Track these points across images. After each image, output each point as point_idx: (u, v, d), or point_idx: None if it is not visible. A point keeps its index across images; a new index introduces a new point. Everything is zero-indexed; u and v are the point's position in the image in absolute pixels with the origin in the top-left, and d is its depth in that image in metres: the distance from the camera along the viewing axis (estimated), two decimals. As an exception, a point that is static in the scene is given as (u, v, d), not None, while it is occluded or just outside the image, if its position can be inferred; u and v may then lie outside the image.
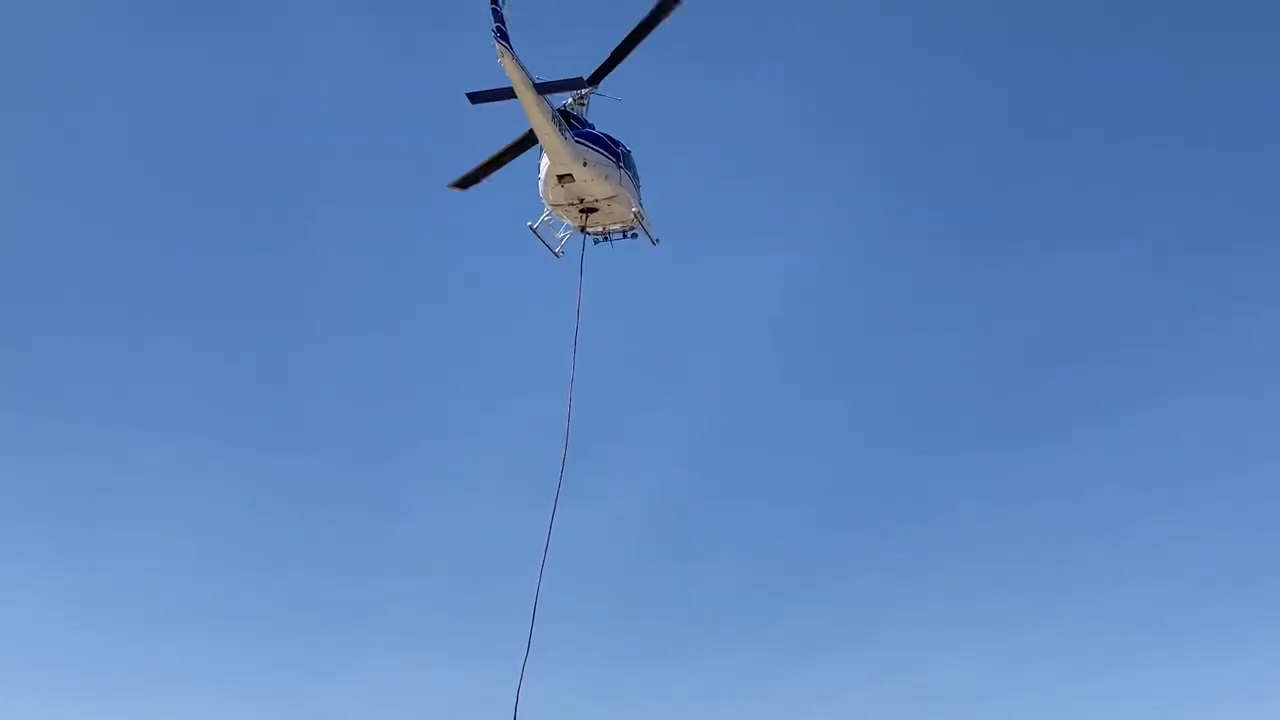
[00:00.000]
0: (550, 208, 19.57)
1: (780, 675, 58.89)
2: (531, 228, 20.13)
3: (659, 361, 67.32)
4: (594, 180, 18.78)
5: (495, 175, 20.80)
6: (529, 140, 18.91)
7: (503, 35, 16.14)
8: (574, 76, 18.39)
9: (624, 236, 20.50)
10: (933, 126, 74.26)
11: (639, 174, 20.16)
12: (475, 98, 18.50)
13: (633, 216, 19.94)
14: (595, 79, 18.99)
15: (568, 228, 20.14)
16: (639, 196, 20.07)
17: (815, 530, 64.95)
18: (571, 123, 18.79)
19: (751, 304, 68.26)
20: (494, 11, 16.08)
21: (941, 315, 70.56)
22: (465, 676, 57.13)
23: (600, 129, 19.52)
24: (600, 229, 20.18)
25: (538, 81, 17.15)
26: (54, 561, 58.03)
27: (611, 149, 19.31)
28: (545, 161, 18.66)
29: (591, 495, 56.62)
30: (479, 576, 59.91)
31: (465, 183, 21.17)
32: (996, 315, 70.63)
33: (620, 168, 19.34)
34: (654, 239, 20.78)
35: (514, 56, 16.39)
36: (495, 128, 19.79)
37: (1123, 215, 69.66)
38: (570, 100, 19.27)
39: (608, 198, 19.20)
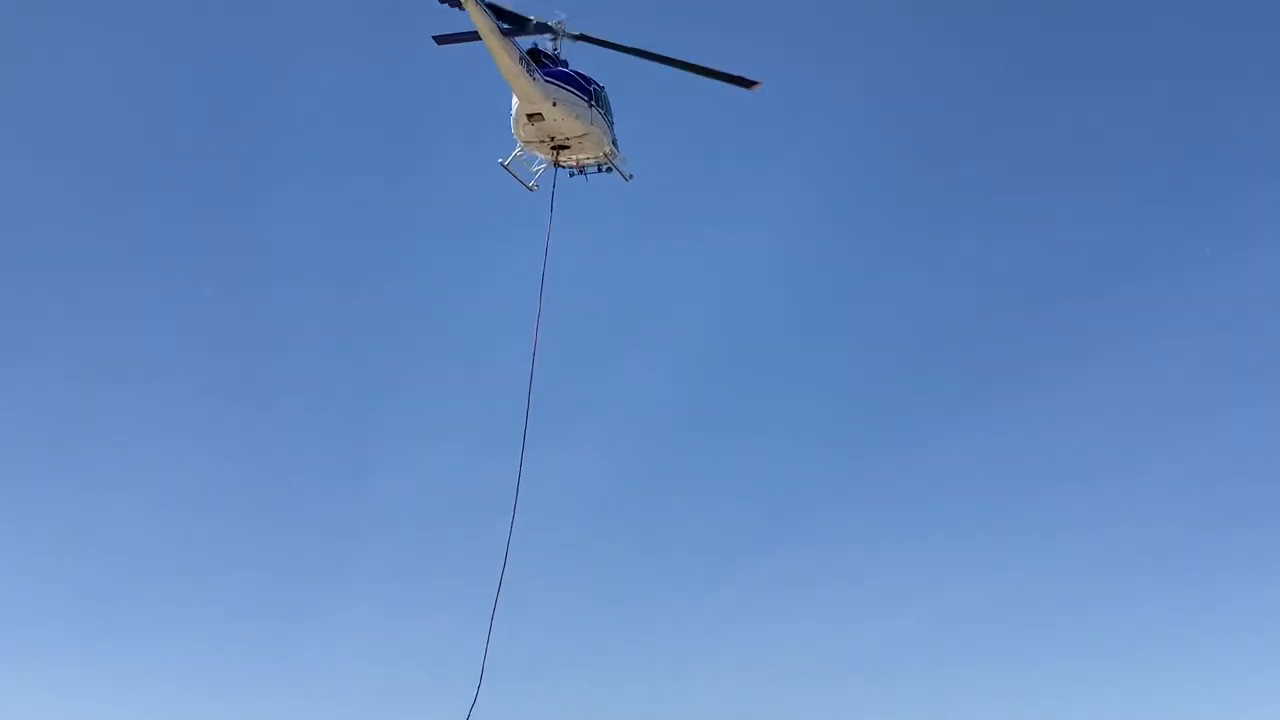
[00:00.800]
0: (522, 144, 19.68)
1: (757, 610, 61.35)
2: (503, 164, 20.24)
3: (638, 304, 68.72)
4: (564, 119, 18.83)
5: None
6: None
7: None
8: (541, 20, 18.28)
9: (598, 170, 20.78)
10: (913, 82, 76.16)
11: (613, 111, 20.28)
12: (441, 40, 18.53)
13: (604, 154, 20.18)
14: (582, 37, 19.18)
15: (541, 161, 20.27)
16: (612, 134, 20.29)
17: (795, 469, 66.19)
18: (542, 61, 18.77)
19: (732, 249, 69.33)
20: None
21: (924, 260, 71.38)
22: (441, 620, 59.60)
23: (575, 66, 19.49)
24: (574, 164, 20.39)
25: (507, 11, 17.04)
26: (19, 511, 58.22)
27: (583, 87, 19.31)
28: (515, 100, 18.64)
29: (570, 440, 58.59)
30: (452, 524, 59.95)
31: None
32: (981, 259, 71.27)
33: (592, 106, 19.38)
34: (626, 175, 21.06)
35: (478, 2, 16.19)
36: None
37: (1103, 165, 69.92)
38: (550, 39, 19.23)
39: (579, 136, 19.30)
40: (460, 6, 16.29)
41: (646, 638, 62.45)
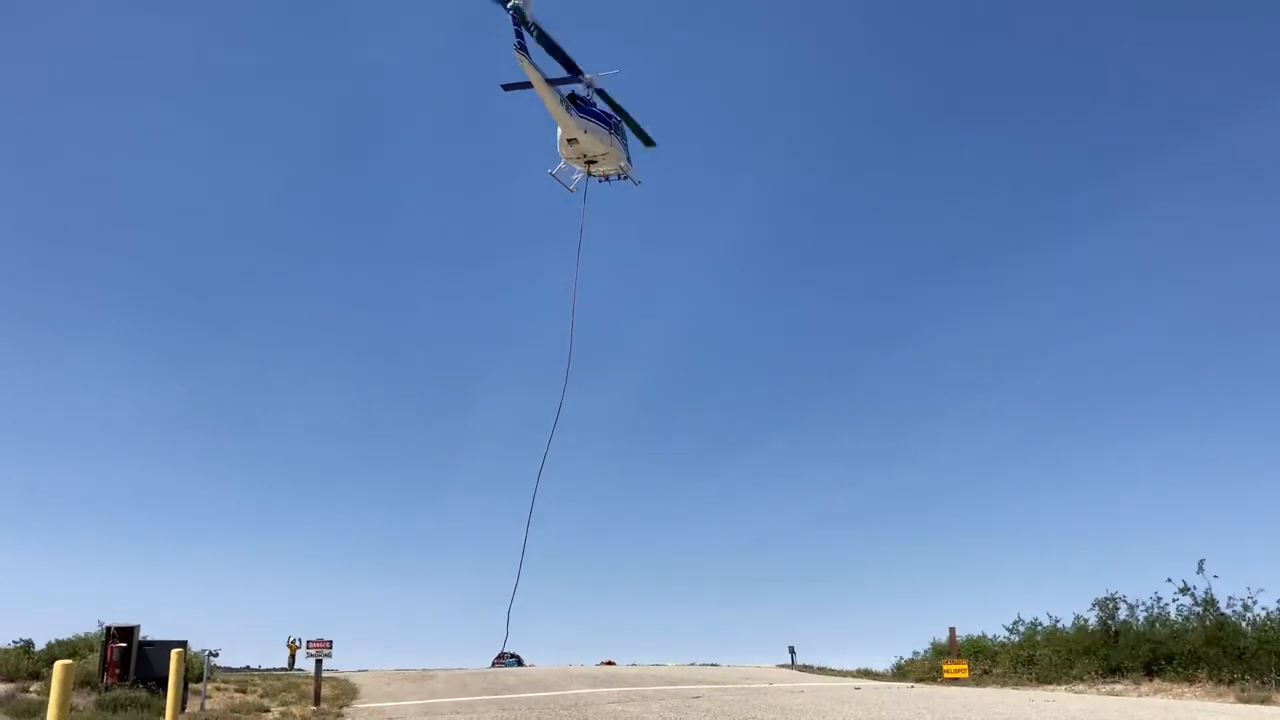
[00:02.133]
0: (565, 160, 26.15)
1: (746, 495, 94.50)
2: (552, 174, 26.51)
3: (648, 276, 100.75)
4: (593, 142, 25.32)
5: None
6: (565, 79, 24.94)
7: (522, 47, 22.69)
8: (573, 74, 24.77)
9: (619, 179, 27.08)
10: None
11: (626, 139, 26.69)
12: (507, 88, 25.32)
13: (620, 167, 26.58)
14: (600, 92, 25.58)
15: (578, 172, 26.67)
16: (626, 153, 26.59)
17: (767, 393, 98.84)
18: (578, 103, 25.17)
19: (718, 229, 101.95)
20: (515, 30, 22.94)
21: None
22: (513, 505, 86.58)
23: (600, 107, 25.95)
24: (601, 174, 26.81)
25: (548, 77, 23.94)
26: (239, 433, 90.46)
27: (606, 121, 25.73)
28: (560, 129, 25.37)
29: (602, 380, 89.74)
30: (521, 440, 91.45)
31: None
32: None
33: (611, 133, 25.83)
34: (637, 181, 27.39)
35: (530, 61, 22.98)
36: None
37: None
38: (578, 88, 25.57)
39: (602, 154, 25.74)
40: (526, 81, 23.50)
41: (658, 515, 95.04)
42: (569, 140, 25.35)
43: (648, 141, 27.30)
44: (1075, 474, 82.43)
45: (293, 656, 37.64)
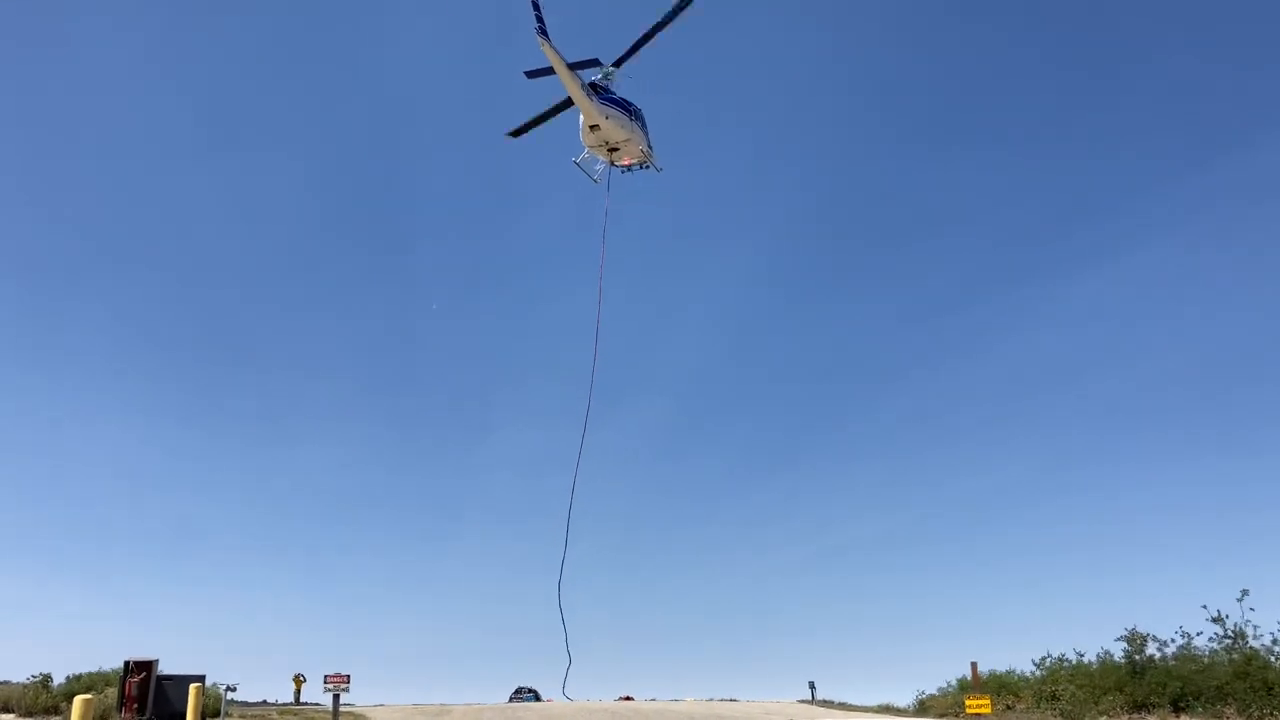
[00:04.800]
0: (588, 149, 26.18)
1: (763, 527, 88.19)
2: (575, 162, 26.63)
3: (666, 309, 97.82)
4: (614, 128, 25.34)
5: (542, 128, 26.89)
6: (566, 104, 25.52)
7: (543, 31, 22.87)
8: (593, 58, 24.96)
9: (641, 168, 27.01)
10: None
11: (647, 126, 26.65)
12: (530, 74, 25.56)
13: (642, 153, 26.47)
14: (618, 63, 25.58)
15: (600, 162, 26.74)
16: (648, 139, 26.54)
17: (779, 434, 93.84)
18: (599, 90, 25.25)
19: (736, 264, 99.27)
20: (536, 15, 23.04)
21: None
22: (534, 540, 79.85)
23: (621, 94, 26.00)
24: (623, 163, 26.76)
25: (570, 62, 23.92)
26: (244, 467, 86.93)
27: (626, 108, 25.84)
28: (582, 117, 25.42)
29: (617, 412, 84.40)
30: (535, 475, 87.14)
31: (518, 132, 27.16)
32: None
33: (632, 119, 25.90)
34: (658, 168, 27.28)
35: (552, 46, 23.10)
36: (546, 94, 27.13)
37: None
38: (600, 76, 25.70)
39: (624, 140, 25.72)
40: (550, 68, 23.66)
41: (676, 548, 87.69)
42: (591, 127, 25.39)
43: None
44: (1101, 503, 78.40)
45: (298, 691, 36.94)
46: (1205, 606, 24.90)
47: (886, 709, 35.37)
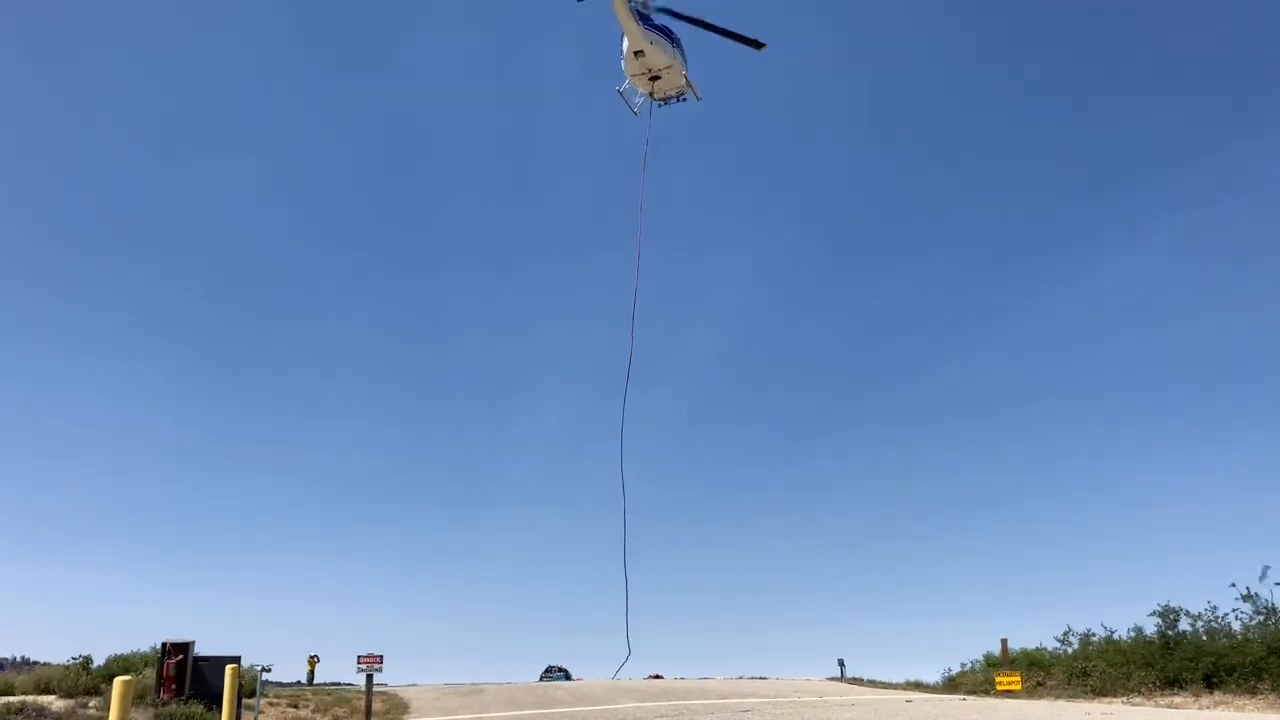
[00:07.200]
0: (630, 78, 25.99)
1: (794, 506, 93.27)
2: (618, 90, 26.39)
3: (692, 295, 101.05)
4: (658, 54, 25.22)
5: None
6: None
7: None
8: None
9: (679, 100, 26.72)
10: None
11: (686, 55, 26.31)
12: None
13: (683, 81, 26.23)
14: (661, 9, 25.36)
15: (640, 95, 26.43)
16: (687, 69, 26.28)
17: (813, 403, 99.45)
18: (642, 16, 24.85)
19: (758, 250, 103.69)
20: None
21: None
22: (566, 521, 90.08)
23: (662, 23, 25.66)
24: (662, 95, 26.47)
25: None
26: (287, 448, 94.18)
27: (668, 35, 25.66)
28: (626, 43, 25.08)
29: (646, 389, 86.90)
30: (566, 452, 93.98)
31: None
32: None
33: (674, 46, 25.78)
34: (699, 97, 26.83)
35: None
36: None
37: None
38: (640, 3, 24.89)
39: (666, 67, 25.53)
40: None
41: (705, 526, 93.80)
42: (635, 53, 25.27)
43: (757, 45, 26.14)
44: (1128, 481, 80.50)
45: (311, 671, 37.77)
46: (1234, 585, 25.83)
47: (916, 685, 36.47)
